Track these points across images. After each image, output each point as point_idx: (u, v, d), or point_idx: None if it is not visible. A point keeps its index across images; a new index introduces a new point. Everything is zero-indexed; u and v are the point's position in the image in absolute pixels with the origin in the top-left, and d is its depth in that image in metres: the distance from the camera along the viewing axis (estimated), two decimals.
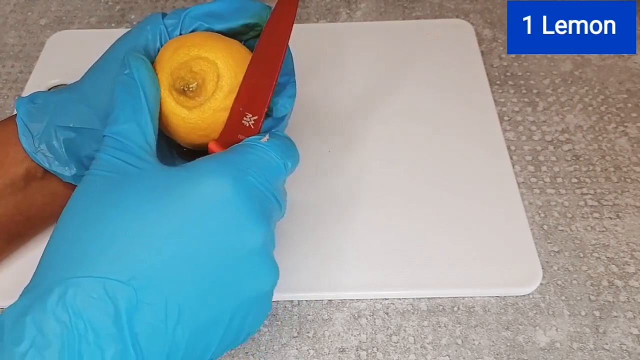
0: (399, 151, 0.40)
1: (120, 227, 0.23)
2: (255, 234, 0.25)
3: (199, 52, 0.29)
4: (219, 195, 0.24)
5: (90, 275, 0.22)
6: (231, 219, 0.24)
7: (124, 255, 0.23)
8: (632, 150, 0.40)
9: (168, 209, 0.24)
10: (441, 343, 0.32)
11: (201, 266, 0.24)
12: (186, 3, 0.52)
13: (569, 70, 0.46)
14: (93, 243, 0.23)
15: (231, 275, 0.24)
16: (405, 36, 0.48)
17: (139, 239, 0.23)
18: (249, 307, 0.25)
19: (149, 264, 0.23)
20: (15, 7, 0.53)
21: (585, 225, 0.37)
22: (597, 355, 0.32)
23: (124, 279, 0.22)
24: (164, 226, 0.23)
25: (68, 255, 0.23)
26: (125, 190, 0.24)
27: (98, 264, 0.22)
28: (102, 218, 0.23)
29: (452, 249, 0.35)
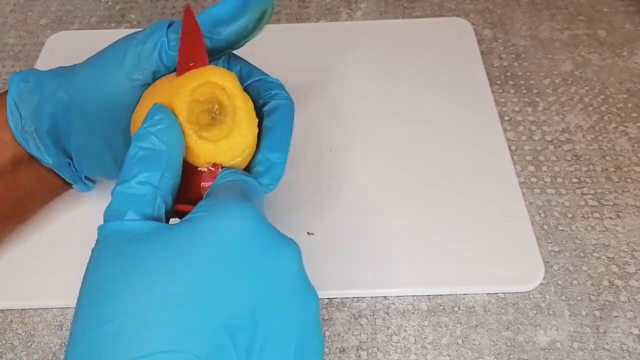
0: (399, 150, 0.40)
1: (151, 294, 0.21)
2: (291, 258, 0.24)
3: (203, 78, 0.27)
4: (241, 229, 0.23)
5: (142, 356, 0.20)
6: (262, 249, 0.23)
7: (167, 323, 0.20)
8: (633, 150, 0.40)
9: (193, 261, 0.21)
10: (442, 343, 0.32)
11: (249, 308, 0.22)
12: (186, 1, 0.52)
13: (569, 70, 0.46)
14: (128, 319, 0.20)
15: (280, 307, 0.23)
16: (405, 36, 0.48)
17: (175, 301, 0.21)
18: (304, 337, 0.23)
19: (197, 323, 0.21)
20: (15, 7, 0.53)
21: (585, 225, 0.37)
22: (598, 355, 0.32)
23: (173, 347, 0.20)
24: (195, 281, 0.21)
25: (104, 341, 0.20)
26: (144, 253, 0.22)
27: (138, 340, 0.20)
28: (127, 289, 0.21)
29: (453, 247, 0.35)
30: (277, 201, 0.37)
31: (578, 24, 0.49)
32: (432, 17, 0.50)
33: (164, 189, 0.24)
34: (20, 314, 0.34)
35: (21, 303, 0.34)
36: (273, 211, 0.37)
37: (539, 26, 0.49)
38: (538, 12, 0.50)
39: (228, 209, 0.23)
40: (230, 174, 0.26)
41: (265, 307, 0.22)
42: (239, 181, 0.26)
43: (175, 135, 0.25)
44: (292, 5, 0.52)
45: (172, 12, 0.52)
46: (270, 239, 0.23)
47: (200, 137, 0.26)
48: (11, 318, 0.34)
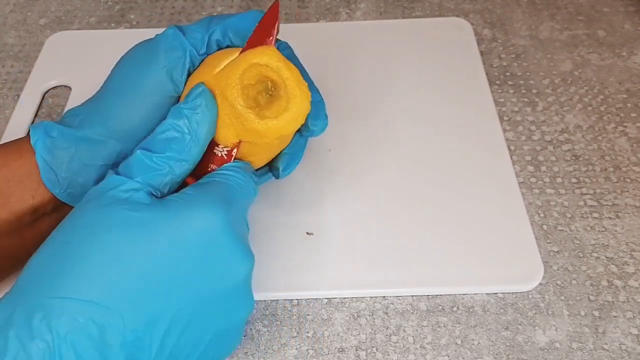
0: (398, 150, 0.40)
1: (109, 252, 0.23)
2: (243, 267, 0.25)
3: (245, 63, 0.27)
4: (207, 226, 0.24)
5: (77, 298, 0.22)
6: (219, 251, 0.25)
7: (111, 280, 0.22)
8: (632, 150, 0.40)
9: (157, 238, 0.24)
10: (440, 343, 0.32)
11: (187, 296, 0.24)
12: (186, 3, 0.52)
13: (568, 70, 0.46)
14: (80, 264, 0.23)
15: (214, 305, 0.25)
16: (404, 35, 0.48)
17: (126, 266, 0.23)
18: (224, 335, 0.26)
19: (139, 292, 0.23)
20: (15, 7, 0.53)
21: (584, 225, 0.37)
22: (597, 355, 0.32)
23: (110, 303, 0.22)
24: (152, 255, 0.23)
25: (54, 273, 0.23)
26: (117, 216, 0.24)
27: (85, 286, 0.22)
28: (92, 241, 0.23)
29: (452, 247, 0.35)
30: (276, 201, 0.37)
31: (577, 24, 0.49)
32: (432, 17, 0.50)
33: (177, 172, 0.26)
34: None
35: None
36: (273, 211, 0.37)
37: (538, 26, 0.49)
38: (538, 12, 0.50)
39: (203, 205, 0.25)
40: (235, 169, 0.28)
41: (196, 303, 0.24)
42: (231, 178, 0.27)
43: (206, 125, 0.26)
44: (291, 5, 0.52)
45: (172, 12, 0.52)
46: (229, 247, 0.25)
47: (263, 117, 0.27)
48: None
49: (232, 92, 0.27)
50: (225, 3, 0.52)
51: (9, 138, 0.42)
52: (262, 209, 0.37)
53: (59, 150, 0.29)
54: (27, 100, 0.44)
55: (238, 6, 0.52)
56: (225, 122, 0.28)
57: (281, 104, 0.27)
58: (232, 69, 0.27)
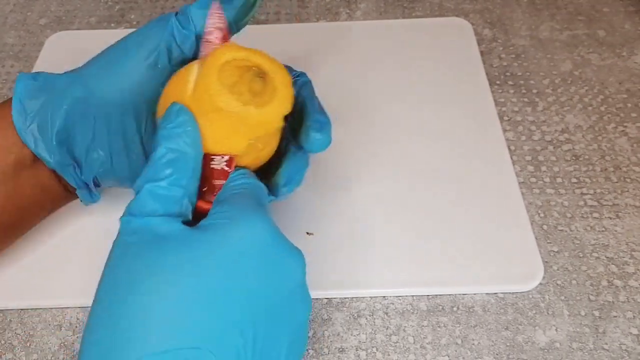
0: (398, 150, 0.40)
1: (170, 294, 0.22)
2: (298, 267, 0.25)
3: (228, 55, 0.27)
4: (255, 239, 0.24)
5: (163, 350, 0.21)
6: (274, 258, 0.24)
7: (186, 320, 0.22)
8: (632, 150, 0.40)
9: (215, 264, 0.23)
10: (441, 343, 0.32)
11: (257, 313, 0.23)
12: (186, 2, 0.52)
13: (568, 70, 0.46)
14: (147, 316, 0.21)
15: (280, 311, 0.24)
16: (404, 35, 0.48)
17: (195, 300, 0.22)
18: (293, 338, 0.25)
19: (213, 319, 0.22)
20: (15, 7, 0.53)
21: (584, 225, 0.37)
22: (597, 355, 0.32)
23: (195, 344, 0.21)
24: (216, 280, 0.23)
25: (121, 336, 0.21)
26: (167, 254, 0.23)
27: (164, 335, 0.21)
28: (149, 288, 0.22)
29: (452, 247, 0.35)
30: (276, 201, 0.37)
31: (578, 24, 0.49)
32: (432, 17, 0.50)
33: (191, 190, 0.25)
34: (19, 314, 0.34)
35: (20, 303, 0.34)
36: (273, 211, 0.37)
37: (538, 26, 0.49)
38: (538, 12, 0.50)
39: (247, 219, 0.24)
40: (243, 175, 0.27)
41: (269, 311, 0.24)
42: (252, 185, 0.27)
43: (198, 138, 0.26)
44: (291, 5, 0.52)
45: (172, 12, 0.51)
46: (282, 248, 0.25)
47: (267, 103, 0.26)
48: (10, 318, 0.34)
49: (223, 99, 0.26)
50: None
51: None
52: None
53: (36, 90, 0.30)
54: None
55: None
56: (228, 132, 0.27)
57: (267, 90, 0.27)
58: (206, 81, 0.26)
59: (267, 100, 0.27)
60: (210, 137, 0.27)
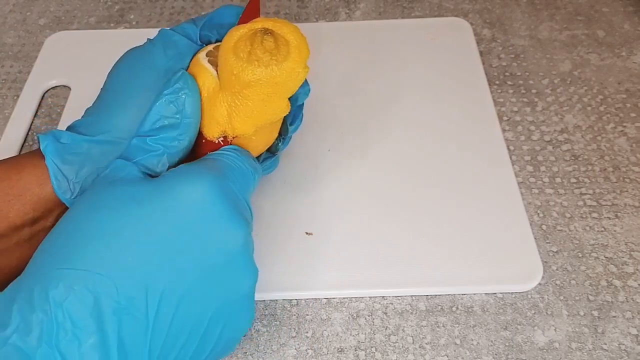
0: (398, 150, 0.40)
1: (104, 226, 0.24)
2: (236, 234, 0.26)
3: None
4: (197, 195, 0.25)
5: (73, 268, 0.23)
6: (211, 219, 0.25)
7: (105, 251, 0.23)
8: (631, 150, 0.40)
9: (149, 210, 0.25)
10: (440, 343, 0.32)
11: (181, 264, 0.24)
12: (185, 3, 0.52)
13: (567, 70, 0.46)
14: (78, 239, 0.24)
15: (211, 274, 0.25)
16: (404, 35, 0.48)
17: (120, 237, 0.24)
18: (229, 308, 0.26)
19: (131, 261, 0.24)
20: (15, 7, 0.53)
21: (584, 225, 0.37)
22: (596, 355, 0.32)
23: (103, 272, 0.23)
24: (145, 226, 0.24)
25: (57, 251, 0.24)
26: (112, 193, 0.25)
27: (82, 258, 0.23)
28: (88, 218, 0.25)
29: (451, 247, 0.35)
30: (276, 201, 0.37)
31: (577, 24, 0.49)
32: (432, 17, 0.50)
33: (173, 150, 0.28)
34: None
35: None
36: (273, 211, 0.37)
37: (538, 26, 0.49)
38: (537, 12, 0.50)
39: (193, 176, 0.26)
40: (227, 150, 0.29)
41: (192, 272, 0.25)
42: (225, 156, 0.28)
43: (192, 105, 0.28)
44: (291, 5, 0.52)
45: (171, 12, 0.52)
46: (221, 213, 0.25)
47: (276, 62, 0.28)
48: None
49: (247, 72, 0.27)
50: (224, 3, 0.52)
51: (9, 138, 0.42)
52: (262, 209, 0.37)
53: (70, 154, 0.29)
54: (26, 100, 0.44)
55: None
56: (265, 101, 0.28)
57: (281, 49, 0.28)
58: (227, 64, 0.28)
59: (284, 54, 0.28)
60: (249, 113, 0.28)
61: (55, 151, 0.29)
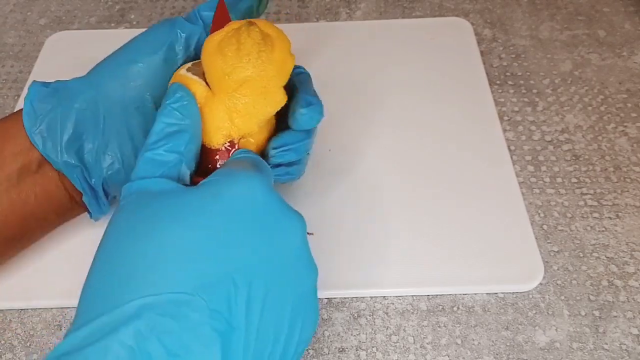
0: (399, 150, 0.40)
1: (166, 242, 0.23)
2: (296, 229, 0.25)
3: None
4: (250, 195, 0.24)
5: (152, 294, 0.21)
6: (269, 217, 0.25)
7: (179, 268, 0.22)
8: (632, 150, 0.40)
9: (208, 216, 0.24)
10: (441, 343, 0.32)
11: (253, 267, 0.23)
12: (185, 3, 0.52)
13: (568, 70, 0.46)
14: (142, 263, 0.22)
15: (281, 273, 0.24)
16: (404, 35, 0.48)
17: (189, 248, 0.23)
18: (302, 306, 0.25)
19: (204, 269, 0.22)
20: (15, 7, 0.53)
21: (585, 225, 0.37)
22: (597, 355, 0.32)
23: (189, 291, 0.22)
24: (209, 234, 0.23)
25: (116, 283, 0.22)
26: (161, 205, 0.24)
27: (158, 280, 0.22)
28: (145, 237, 0.23)
29: (452, 247, 0.35)
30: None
31: (578, 24, 0.49)
32: (432, 17, 0.50)
33: (188, 156, 0.27)
34: (20, 314, 0.34)
35: (20, 303, 0.34)
36: None
37: (538, 26, 0.49)
38: (538, 12, 0.50)
39: (241, 176, 0.25)
40: (243, 152, 0.29)
41: (267, 267, 0.24)
42: (251, 158, 0.28)
43: (195, 110, 0.28)
44: (291, 5, 0.52)
45: (172, 12, 0.52)
46: (278, 208, 0.25)
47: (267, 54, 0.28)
48: (10, 318, 0.34)
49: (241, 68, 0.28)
50: None
51: None
52: None
53: (48, 95, 0.30)
54: None
55: None
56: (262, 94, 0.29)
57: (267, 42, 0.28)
58: (216, 67, 0.28)
59: (270, 45, 0.28)
60: (250, 110, 0.28)
61: (36, 91, 0.30)
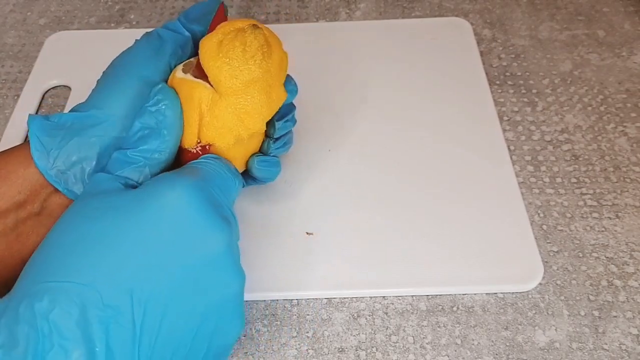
0: (398, 150, 0.40)
1: (84, 237, 0.24)
2: (218, 237, 0.26)
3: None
4: (177, 200, 0.25)
5: (57, 280, 0.23)
6: (192, 223, 0.25)
7: (88, 262, 0.23)
8: (631, 150, 0.40)
9: (129, 217, 0.25)
10: (440, 343, 0.32)
11: (165, 269, 0.24)
12: (185, 3, 0.52)
13: (568, 70, 0.46)
14: (61, 252, 0.24)
15: (196, 279, 0.25)
16: (404, 35, 0.48)
17: (101, 246, 0.24)
18: (218, 313, 0.26)
19: (114, 269, 0.23)
20: (15, 7, 0.53)
21: (584, 225, 0.37)
22: (597, 355, 0.32)
23: (87, 282, 0.23)
24: (125, 233, 0.24)
25: (41, 264, 0.24)
26: (92, 205, 0.25)
27: (64, 270, 0.23)
28: (71, 230, 0.25)
29: (451, 247, 0.35)
30: (276, 201, 0.37)
31: (577, 24, 0.49)
32: (432, 17, 0.50)
33: (154, 162, 0.28)
34: None
35: None
36: (272, 210, 0.37)
37: (538, 26, 0.49)
38: (537, 12, 0.50)
39: (171, 181, 0.26)
40: (208, 158, 0.29)
41: (174, 278, 0.24)
42: (207, 164, 0.28)
43: (172, 115, 0.28)
44: (291, 5, 0.52)
45: (172, 12, 0.52)
46: (201, 216, 0.25)
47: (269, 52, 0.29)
48: None
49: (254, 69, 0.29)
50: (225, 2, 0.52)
51: (9, 138, 0.42)
52: (262, 209, 0.37)
53: (54, 129, 0.29)
54: (27, 100, 0.44)
55: (238, 6, 0.52)
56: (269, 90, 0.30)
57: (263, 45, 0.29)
58: (223, 74, 0.29)
59: (269, 45, 0.29)
60: (257, 109, 0.29)
61: (40, 126, 0.29)
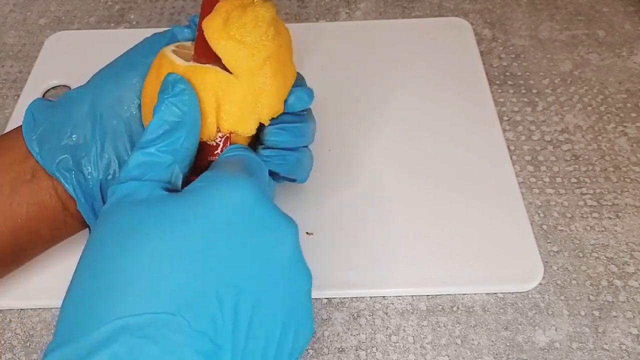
0: (398, 150, 0.40)
1: (147, 257, 0.21)
2: (288, 235, 0.24)
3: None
4: (239, 201, 0.23)
5: (130, 315, 0.20)
6: (259, 223, 0.23)
7: (161, 285, 0.21)
8: (632, 150, 0.40)
9: (191, 225, 0.22)
10: (440, 343, 0.32)
11: (242, 276, 0.22)
12: (185, 3, 0.52)
13: (568, 70, 0.46)
14: (119, 278, 0.21)
15: (273, 281, 0.23)
16: (404, 35, 0.48)
17: (171, 264, 0.21)
18: (295, 314, 0.24)
19: (188, 284, 0.21)
20: (15, 7, 0.53)
21: (584, 225, 0.37)
22: (597, 355, 0.32)
23: (171, 310, 0.20)
24: (193, 244, 0.22)
25: (96, 300, 0.21)
26: (144, 216, 0.22)
27: (134, 300, 0.20)
28: (125, 251, 0.21)
29: (452, 247, 0.35)
30: (276, 201, 0.37)
31: (577, 24, 0.49)
32: (432, 17, 0.50)
33: (183, 156, 0.25)
34: (19, 313, 0.34)
35: (20, 303, 0.34)
36: None
37: (538, 26, 0.49)
38: (537, 12, 0.50)
39: (227, 180, 0.23)
40: (236, 149, 0.27)
41: (255, 279, 0.22)
42: (243, 156, 0.26)
43: (195, 106, 0.26)
44: (291, 5, 0.52)
45: (172, 11, 0.52)
46: (268, 214, 0.24)
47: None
48: (10, 318, 0.34)
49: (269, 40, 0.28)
50: None
51: None
52: None
53: (48, 106, 0.30)
54: (27, 100, 0.44)
55: None
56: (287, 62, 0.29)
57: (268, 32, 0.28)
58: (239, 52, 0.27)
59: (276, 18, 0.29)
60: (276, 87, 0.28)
61: (36, 105, 0.30)
